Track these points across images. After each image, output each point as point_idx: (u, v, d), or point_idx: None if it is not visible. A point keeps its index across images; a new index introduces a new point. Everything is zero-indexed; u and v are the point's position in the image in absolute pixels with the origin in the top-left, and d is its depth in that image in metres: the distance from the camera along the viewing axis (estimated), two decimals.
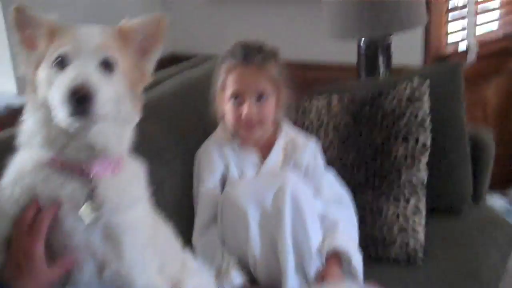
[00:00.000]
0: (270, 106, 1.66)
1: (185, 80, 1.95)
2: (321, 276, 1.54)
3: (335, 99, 1.94)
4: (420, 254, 1.72)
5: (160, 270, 1.24)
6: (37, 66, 1.11)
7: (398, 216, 1.75)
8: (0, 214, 1.11)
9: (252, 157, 1.71)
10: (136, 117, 1.21)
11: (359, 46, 2.44)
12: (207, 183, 1.67)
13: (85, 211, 1.11)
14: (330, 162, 1.84)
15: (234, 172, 1.68)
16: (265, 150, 1.73)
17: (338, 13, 2.31)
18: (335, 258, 1.57)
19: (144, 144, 1.59)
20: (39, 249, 1.07)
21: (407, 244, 1.72)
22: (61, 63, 1.07)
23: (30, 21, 1.13)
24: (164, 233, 1.36)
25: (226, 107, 1.67)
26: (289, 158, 1.72)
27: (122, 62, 1.14)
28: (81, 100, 1.02)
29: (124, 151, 1.20)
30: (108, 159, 1.15)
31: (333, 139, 1.89)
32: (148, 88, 1.78)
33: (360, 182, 1.83)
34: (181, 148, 1.73)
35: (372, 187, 1.81)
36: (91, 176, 1.12)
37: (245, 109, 1.62)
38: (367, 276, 1.61)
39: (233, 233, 1.59)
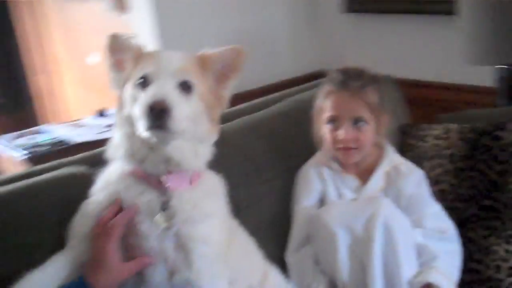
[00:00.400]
0: (367, 132, 1.64)
1: (298, 101, 2.00)
2: None
3: (454, 127, 1.87)
4: None
5: (231, 283, 1.31)
6: (124, 86, 1.25)
7: (507, 252, 1.63)
8: (86, 214, 1.26)
9: (351, 181, 1.71)
10: (212, 138, 1.30)
11: (498, 70, 2.30)
12: (304, 202, 1.70)
13: (159, 220, 1.22)
14: (441, 193, 1.77)
15: (331, 195, 1.69)
16: (366, 175, 1.71)
17: (473, 39, 2.20)
18: None
19: (246, 161, 1.69)
20: (113, 247, 1.19)
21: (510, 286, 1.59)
22: (144, 83, 1.20)
23: (121, 46, 1.27)
24: (243, 247, 1.42)
25: (323, 131, 1.69)
26: (392, 185, 1.69)
27: (200, 86, 1.23)
28: (158, 114, 1.13)
29: (200, 167, 1.28)
30: (184, 173, 1.25)
31: (447, 169, 1.82)
32: (260, 108, 1.88)
33: (470, 217, 1.74)
34: (283, 167, 1.78)
35: (484, 223, 1.71)
36: (167, 188, 1.23)
37: (341, 134, 1.63)
38: None
39: (323, 254, 1.60)
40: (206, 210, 1.27)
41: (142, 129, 1.16)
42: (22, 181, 1.40)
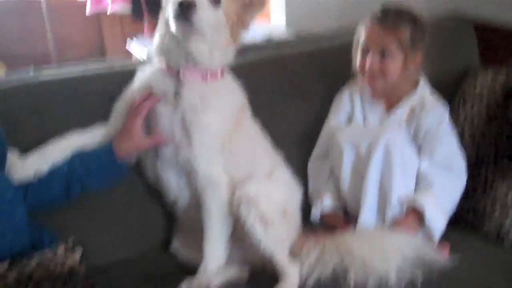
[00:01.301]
0: (393, 64, 1.79)
1: None
2: (396, 223, 1.71)
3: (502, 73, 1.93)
4: (508, 242, 1.70)
5: (226, 169, 1.64)
6: None
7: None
8: (123, 99, 1.68)
9: (378, 108, 1.90)
10: (230, 49, 1.63)
11: None
12: (331, 121, 1.94)
13: (170, 104, 1.59)
14: (470, 132, 1.89)
15: (358, 118, 1.91)
16: (393, 105, 1.89)
17: None
18: (415, 214, 1.71)
19: (289, 80, 1.96)
20: (138, 123, 1.59)
21: (502, 225, 1.71)
22: None
23: None
24: (251, 144, 1.73)
25: (357, 59, 1.88)
26: (414, 118, 1.85)
27: (228, 4, 1.55)
28: (184, 7, 1.46)
29: (214, 67, 1.61)
30: (198, 70, 1.59)
31: (481, 110, 1.91)
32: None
33: (489, 156, 1.84)
34: (323, 87, 2.03)
35: (500, 165, 1.82)
36: (182, 79, 1.59)
37: (367, 62, 1.81)
38: (448, 240, 1.70)
39: (333, 167, 1.86)
40: (211, 103, 1.60)
41: (171, 22, 1.51)
42: None
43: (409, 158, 1.75)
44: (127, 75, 1.73)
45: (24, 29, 4.49)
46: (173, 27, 1.52)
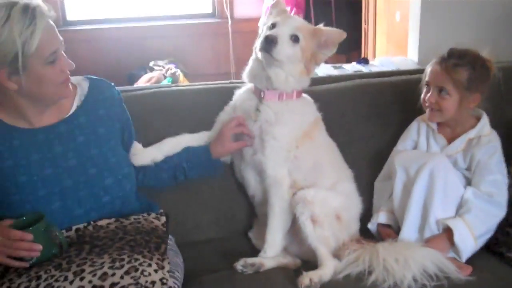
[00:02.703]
0: (449, 101, 2.01)
1: None
2: (429, 241, 1.94)
3: None
4: None
5: (290, 173, 2.02)
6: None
7: None
8: (224, 111, 2.16)
9: (440, 140, 2.12)
10: (304, 79, 2.04)
11: None
12: (399, 146, 2.20)
13: (252, 116, 2.03)
14: None
15: (422, 147, 2.15)
16: (454, 138, 2.10)
17: None
18: (448, 235, 1.92)
19: (372, 106, 2.27)
20: (228, 132, 2.04)
21: None
22: (272, 27, 1.98)
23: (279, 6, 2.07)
24: (318, 156, 2.08)
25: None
26: (469, 150, 2.05)
27: (304, 42, 1.97)
28: (269, 42, 1.92)
29: (289, 91, 2.03)
30: (276, 91, 2.02)
31: None
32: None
33: None
34: (400, 115, 2.31)
35: None
36: (262, 98, 2.02)
37: (427, 97, 2.05)
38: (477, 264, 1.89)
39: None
40: (283, 118, 2.01)
41: (258, 52, 1.97)
42: None
43: (451, 185, 1.96)
44: (232, 92, 2.21)
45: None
46: (259, 56, 1.97)
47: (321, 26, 2.05)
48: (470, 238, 1.90)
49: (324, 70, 3.50)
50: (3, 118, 1.82)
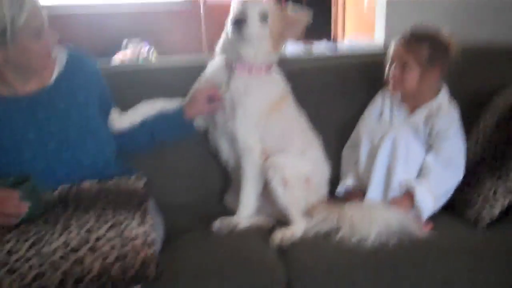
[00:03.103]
0: (411, 75, 2.16)
1: None
2: (392, 202, 2.09)
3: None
4: (483, 223, 2.01)
5: (261, 141, 2.15)
6: None
7: (495, 192, 2.03)
8: (197, 82, 2.27)
9: (403, 110, 2.27)
10: (272, 55, 2.17)
11: None
12: (365, 114, 2.35)
13: (224, 87, 2.15)
14: (482, 137, 2.19)
15: (386, 117, 2.30)
16: (416, 108, 2.25)
17: None
18: (409, 196, 2.08)
19: (340, 85, 2.41)
20: (201, 94, 2.17)
21: (479, 213, 2.03)
22: (242, 5, 2.08)
23: None
24: (287, 125, 2.22)
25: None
26: (430, 119, 2.20)
27: (273, 23, 2.08)
28: (238, 20, 2.04)
29: (259, 65, 2.15)
30: (246, 65, 2.14)
31: (493, 119, 2.20)
32: None
33: (487, 157, 2.14)
34: (365, 91, 2.45)
35: (493, 165, 2.10)
36: (234, 71, 2.14)
37: (391, 72, 2.21)
38: (436, 222, 2.06)
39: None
40: (251, 89, 2.14)
41: (229, 32, 2.09)
42: None
43: (412, 151, 2.11)
44: (203, 67, 2.33)
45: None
46: (229, 33, 2.09)
47: (289, 7, 2.17)
48: (429, 198, 2.06)
49: (296, 48, 3.63)
50: None
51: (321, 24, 5.07)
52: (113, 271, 1.61)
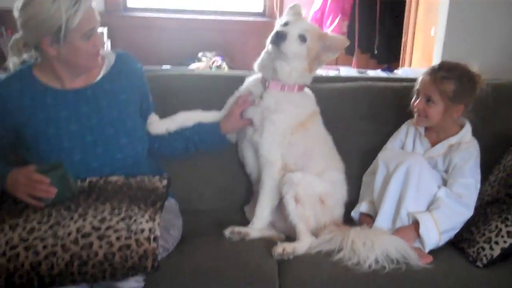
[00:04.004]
0: (434, 109, 2.20)
1: None
2: (397, 231, 2.13)
3: None
4: (480, 264, 2.02)
5: (283, 157, 2.26)
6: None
7: (499, 230, 2.05)
8: (234, 96, 2.40)
9: (425, 143, 2.31)
10: (306, 75, 2.28)
11: None
12: (388, 144, 2.40)
13: (257, 102, 2.29)
14: (500, 177, 2.20)
15: (408, 147, 2.34)
16: (438, 142, 2.28)
17: None
18: (415, 227, 2.11)
19: (370, 107, 2.48)
20: (237, 111, 2.32)
21: (480, 249, 2.04)
22: (285, 25, 2.23)
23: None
24: (311, 144, 2.31)
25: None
26: (449, 154, 2.23)
27: (310, 43, 2.20)
28: (279, 36, 2.17)
29: (292, 84, 2.27)
30: (279, 82, 2.26)
31: (508, 164, 2.21)
32: None
33: (501, 198, 2.15)
34: (395, 117, 2.50)
35: (504, 206, 2.11)
36: (267, 87, 2.27)
37: (416, 104, 2.25)
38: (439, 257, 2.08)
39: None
40: (282, 107, 2.25)
41: (268, 45, 2.22)
42: None
43: (424, 182, 2.15)
44: (241, 80, 2.47)
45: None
46: (269, 48, 2.22)
47: (328, 31, 2.27)
48: (435, 232, 2.08)
49: (350, 72, 3.70)
50: (41, 79, 2.14)
51: (391, 54, 5.10)
52: (115, 259, 1.78)
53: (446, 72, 2.20)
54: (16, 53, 2.11)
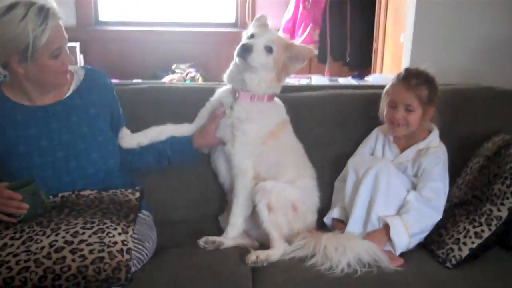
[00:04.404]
0: (414, 116, 2.25)
1: None
2: (368, 235, 2.17)
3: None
4: (449, 264, 2.07)
5: (255, 166, 2.28)
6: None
7: (467, 232, 2.10)
8: (205, 107, 2.43)
9: (394, 149, 2.36)
10: (274, 86, 2.31)
11: None
12: (358, 151, 2.45)
13: (227, 114, 2.31)
14: (467, 179, 2.25)
15: (378, 153, 2.39)
16: (407, 147, 2.33)
17: None
18: (386, 230, 2.15)
19: (339, 116, 2.53)
20: (213, 127, 2.33)
21: (449, 250, 2.09)
22: (251, 36, 2.25)
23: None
24: (282, 153, 2.34)
25: (385, 109, 2.35)
26: (418, 159, 2.29)
27: (277, 54, 2.23)
28: (244, 49, 2.19)
29: (259, 93, 2.29)
30: (249, 93, 2.29)
31: (479, 161, 2.27)
32: None
33: (468, 200, 2.21)
34: (363, 125, 2.54)
35: (471, 208, 2.17)
36: (237, 98, 2.30)
37: (395, 114, 2.28)
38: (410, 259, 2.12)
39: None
40: (252, 117, 2.28)
41: (235, 58, 2.24)
42: None
43: (393, 187, 2.19)
44: (212, 91, 2.49)
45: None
46: (236, 60, 2.25)
47: (300, 41, 2.31)
48: (405, 235, 2.13)
49: (321, 80, 3.75)
50: (10, 96, 2.15)
51: (364, 61, 5.16)
52: (88, 272, 1.79)
53: (417, 79, 2.26)
54: None
